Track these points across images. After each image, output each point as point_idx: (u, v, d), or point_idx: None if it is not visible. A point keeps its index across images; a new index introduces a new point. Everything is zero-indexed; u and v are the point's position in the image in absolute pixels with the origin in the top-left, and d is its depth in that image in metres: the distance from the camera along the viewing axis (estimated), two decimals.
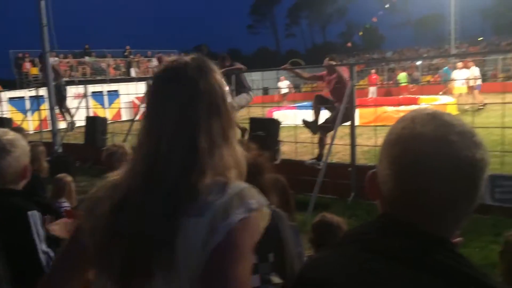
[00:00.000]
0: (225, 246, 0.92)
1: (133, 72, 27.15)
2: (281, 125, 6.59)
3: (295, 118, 7.95)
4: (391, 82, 23.07)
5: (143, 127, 1.05)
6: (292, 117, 8.60)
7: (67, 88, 11.94)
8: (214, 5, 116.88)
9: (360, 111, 12.58)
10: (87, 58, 27.14)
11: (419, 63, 27.99)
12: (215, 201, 0.95)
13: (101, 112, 14.38)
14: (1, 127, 1.95)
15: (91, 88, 12.70)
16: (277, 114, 11.97)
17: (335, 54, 7.38)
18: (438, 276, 0.76)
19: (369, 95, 20.83)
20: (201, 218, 0.93)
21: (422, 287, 0.77)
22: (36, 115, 13.12)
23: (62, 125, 11.27)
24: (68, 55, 26.34)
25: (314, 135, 7.08)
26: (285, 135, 7.63)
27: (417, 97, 17.06)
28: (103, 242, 0.99)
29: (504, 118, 5.69)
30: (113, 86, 20.29)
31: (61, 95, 11.15)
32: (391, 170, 0.85)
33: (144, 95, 8.59)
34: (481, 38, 40.43)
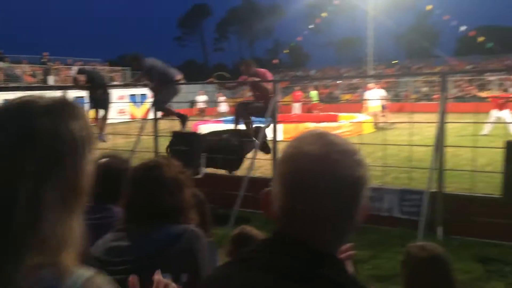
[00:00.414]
0: None
1: (51, 80, 25.74)
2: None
3: None
4: (308, 100, 23.99)
5: None
6: None
7: None
8: (141, 15, 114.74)
9: (284, 127, 12.92)
10: (0, 64, 25.33)
11: (340, 82, 29.40)
12: None
13: None
14: None
15: (3, 96, 11.88)
16: (203, 128, 11.94)
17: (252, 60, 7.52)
18: None
19: (293, 111, 21.46)
20: None
21: None
22: None
23: None
24: None
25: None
26: None
27: (337, 114, 17.87)
28: None
29: (412, 137, 6.14)
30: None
31: None
32: (281, 188, 0.88)
33: None
34: (396, 61, 43.41)
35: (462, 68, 29.37)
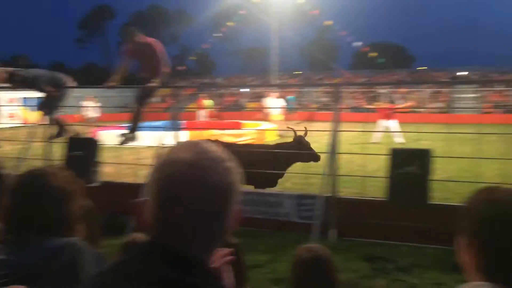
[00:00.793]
0: None
1: None
2: (107, 145, 6.34)
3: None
4: (220, 107, 24.21)
5: None
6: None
7: None
8: (38, 14, 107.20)
9: (190, 134, 12.90)
10: None
11: (246, 91, 29.99)
12: None
13: None
14: None
15: None
16: (102, 134, 11.44)
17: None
18: None
19: (198, 119, 21.43)
20: None
21: None
22: None
23: None
24: None
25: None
26: (109, 156, 7.34)
27: (241, 122, 18.20)
28: None
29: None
30: None
31: None
32: (153, 195, 0.88)
33: None
34: (299, 72, 45.38)
35: (357, 81, 31.53)
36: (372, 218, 5.28)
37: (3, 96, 20.55)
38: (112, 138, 8.71)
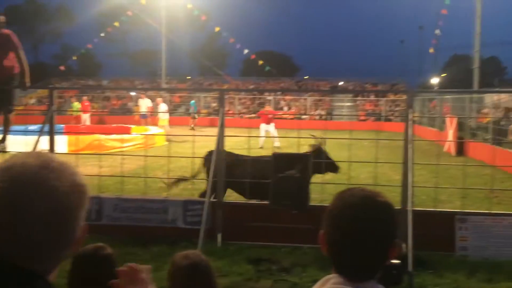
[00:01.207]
0: None
1: None
2: None
3: None
4: (106, 110, 23.09)
5: None
6: None
7: None
8: None
9: (69, 138, 12.09)
10: None
11: (134, 94, 28.99)
12: None
13: None
14: None
15: None
16: None
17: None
18: None
19: (82, 122, 20.22)
20: None
21: None
22: None
23: None
24: None
25: None
26: None
27: (130, 127, 17.57)
28: None
29: (202, 149, 6.44)
30: None
31: None
32: None
33: None
34: (189, 77, 45.20)
35: (245, 87, 32.36)
36: (257, 222, 5.42)
37: None
38: None
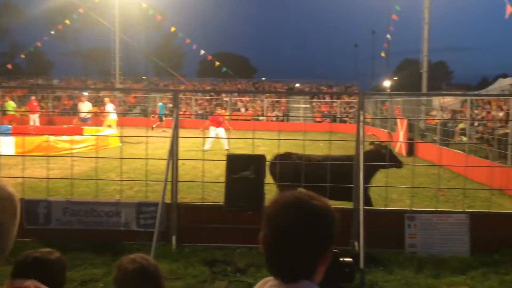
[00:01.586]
0: None
1: None
2: None
3: None
4: (57, 111, 22.28)
5: None
6: None
7: None
8: None
9: (16, 140, 11.60)
10: None
11: (86, 94, 28.15)
12: None
13: None
14: None
15: None
16: None
17: None
18: None
19: (31, 123, 19.43)
20: None
21: None
22: None
23: None
24: None
25: None
26: None
27: (83, 128, 17.03)
28: None
29: (157, 150, 6.36)
30: None
31: None
32: None
33: None
34: (145, 77, 44.35)
35: (202, 89, 32.14)
36: (212, 223, 5.39)
37: None
38: None
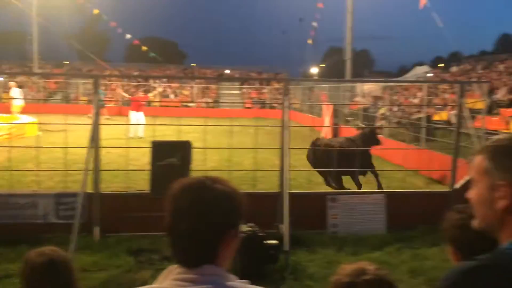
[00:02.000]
0: None
1: None
2: None
3: None
4: None
5: None
6: None
7: None
8: None
9: None
10: None
11: (1, 79, 26.24)
12: None
13: None
14: None
15: None
16: None
17: None
18: None
19: None
20: None
21: None
22: None
23: None
24: None
25: None
26: None
27: None
28: None
29: (81, 139, 6.02)
30: None
31: None
32: None
33: None
34: (67, 62, 41.96)
35: (129, 73, 31.01)
36: (137, 212, 5.26)
37: None
38: None
